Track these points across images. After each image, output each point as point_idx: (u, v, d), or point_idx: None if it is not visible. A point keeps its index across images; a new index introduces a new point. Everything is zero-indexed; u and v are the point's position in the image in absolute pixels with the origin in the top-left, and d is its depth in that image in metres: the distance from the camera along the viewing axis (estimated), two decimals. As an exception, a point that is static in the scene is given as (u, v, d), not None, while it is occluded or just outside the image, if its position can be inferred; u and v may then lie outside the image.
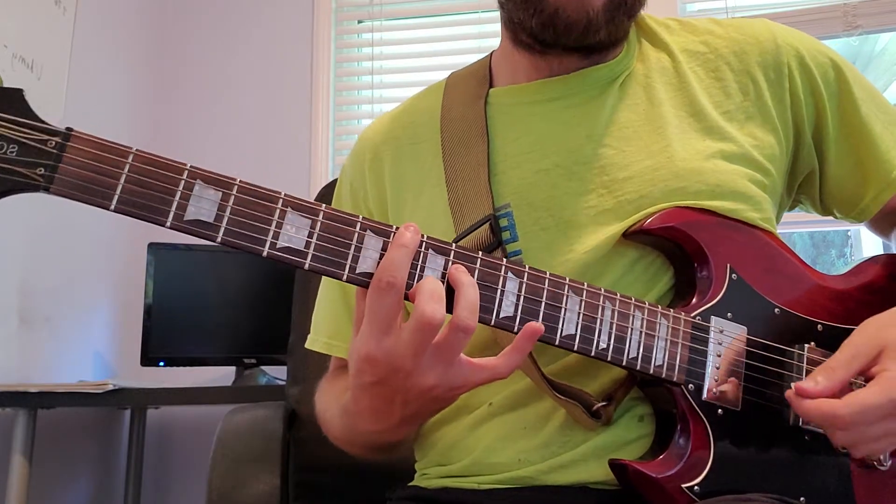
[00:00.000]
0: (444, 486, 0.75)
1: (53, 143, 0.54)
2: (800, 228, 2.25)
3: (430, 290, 0.57)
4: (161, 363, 1.96)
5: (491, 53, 0.87)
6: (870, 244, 2.12)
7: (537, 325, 0.60)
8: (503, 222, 0.74)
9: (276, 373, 2.03)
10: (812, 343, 0.71)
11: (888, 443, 0.65)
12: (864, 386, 0.64)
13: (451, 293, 0.59)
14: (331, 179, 2.29)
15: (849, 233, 2.36)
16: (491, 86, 0.83)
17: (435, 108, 0.85)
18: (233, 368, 2.04)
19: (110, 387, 1.59)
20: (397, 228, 0.60)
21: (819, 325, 0.73)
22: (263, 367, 2.04)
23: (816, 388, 0.63)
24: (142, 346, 1.93)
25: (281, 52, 2.41)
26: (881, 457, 0.69)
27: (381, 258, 0.59)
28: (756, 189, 0.75)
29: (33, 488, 1.66)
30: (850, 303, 0.73)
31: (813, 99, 0.79)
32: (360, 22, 2.45)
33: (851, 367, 0.64)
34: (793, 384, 0.64)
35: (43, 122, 0.54)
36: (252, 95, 2.40)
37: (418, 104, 0.89)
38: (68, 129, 0.54)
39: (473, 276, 0.61)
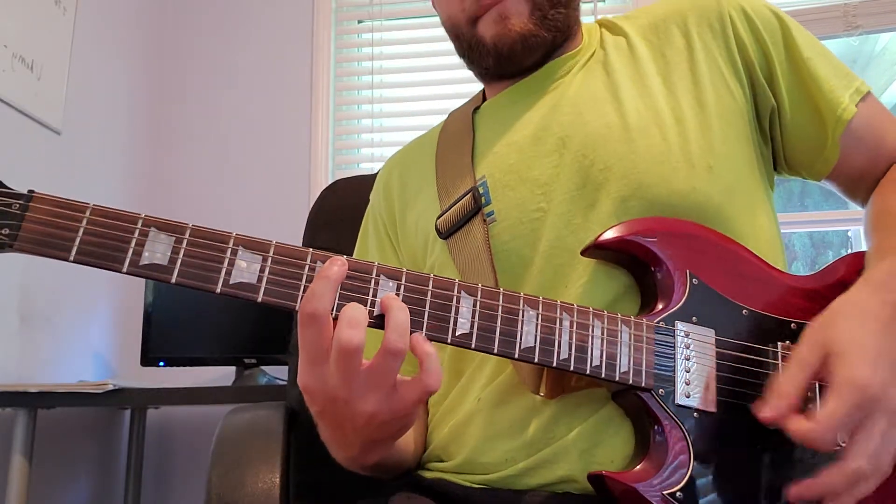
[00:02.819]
0: (441, 479, 0.77)
1: (17, 205, 0.57)
2: (799, 229, 2.25)
3: (349, 316, 0.58)
4: (161, 363, 1.96)
5: None
6: (869, 244, 2.12)
7: (419, 335, 0.60)
8: (480, 190, 0.80)
9: (276, 373, 2.03)
10: (787, 342, 0.70)
11: (871, 444, 0.61)
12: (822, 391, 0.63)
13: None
14: (331, 179, 2.30)
15: (849, 233, 2.36)
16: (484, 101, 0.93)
17: (436, 131, 0.95)
18: (233, 368, 2.04)
19: (110, 387, 1.59)
20: (348, 258, 0.61)
21: (793, 324, 0.72)
22: (263, 367, 2.04)
23: (771, 413, 0.61)
24: (142, 346, 1.93)
25: (281, 52, 2.41)
26: None
27: None
28: (708, 133, 0.77)
29: (33, 488, 1.66)
30: (824, 301, 0.71)
31: (759, 45, 0.82)
32: (360, 22, 2.45)
33: (799, 381, 0.62)
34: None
35: (7, 187, 0.58)
36: (252, 95, 2.40)
37: (423, 136, 0.99)
38: (30, 191, 0.58)
39: (427, 297, 0.62)
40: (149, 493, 2.17)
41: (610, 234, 0.71)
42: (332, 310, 0.59)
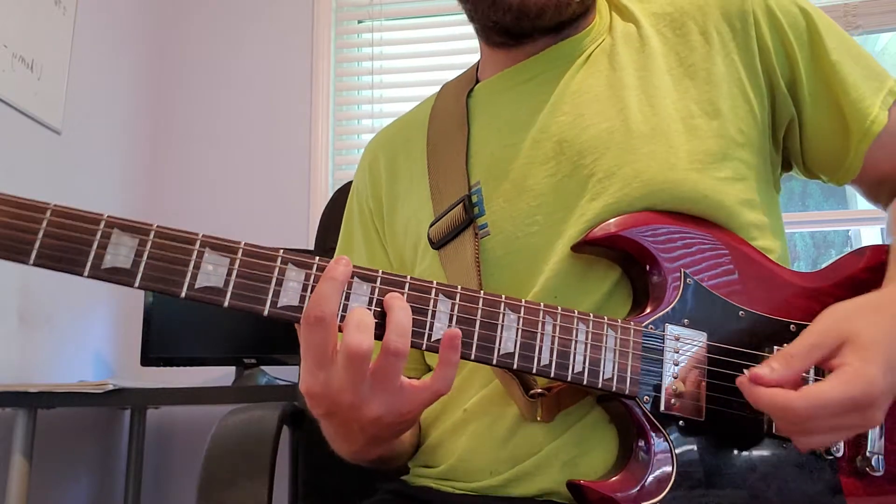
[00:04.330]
0: (427, 486, 0.76)
1: None
2: (800, 228, 2.24)
3: (357, 320, 0.57)
4: (161, 363, 1.96)
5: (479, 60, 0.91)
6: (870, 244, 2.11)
7: (454, 331, 0.59)
8: (474, 199, 0.75)
9: (277, 373, 2.03)
10: (784, 345, 0.66)
11: (833, 438, 0.62)
12: (819, 378, 0.62)
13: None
14: (331, 179, 2.30)
15: (849, 233, 2.36)
16: (477, 83, 0.86)
17: (426, 112, 0.89)
18: (233, 368, 2.04)
19: (110, 387, 1.59)
20: (320, 260, 0.59)
21: (792, 325, 0.69)
22: (263, 367, 2.04)
23: (772, 376, 0.59)
24: (142, 346, 1.93)
25: (281, 52, 2.41)
26: (873, 462, 0.66)
27: (303, 289, 0.58)
28: (721, 142, 0.73)
29: (33, 488, 1.66)
30: (828, 300, 0.68)
31: (783, 48, 0.77)
32: (360, 22, 2.45)
33: (811, 357, 0.61)
34: (745, 370, 0.61)
35: None
36: (252, 95, 2.40)
37: (413, 112, 0.93)
38: None
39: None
40: (149, 493, 2.17)
41: (601, 230, 0.68)
42: (339, 311, 0.57)
